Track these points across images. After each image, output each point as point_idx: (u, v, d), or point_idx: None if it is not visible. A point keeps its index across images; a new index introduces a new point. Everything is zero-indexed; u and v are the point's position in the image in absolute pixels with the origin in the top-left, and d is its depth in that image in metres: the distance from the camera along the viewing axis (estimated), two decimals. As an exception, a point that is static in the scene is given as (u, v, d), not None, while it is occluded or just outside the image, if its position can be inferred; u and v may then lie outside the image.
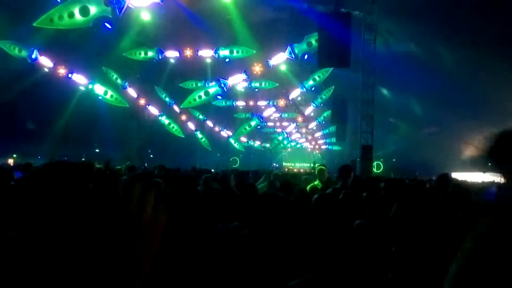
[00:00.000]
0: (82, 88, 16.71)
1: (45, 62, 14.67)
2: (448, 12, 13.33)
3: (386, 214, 2.80)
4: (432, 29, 14.44)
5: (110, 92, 17.29)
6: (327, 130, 31.71)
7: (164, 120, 21.75)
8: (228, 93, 18.86)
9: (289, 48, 13.28)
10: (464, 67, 16.25)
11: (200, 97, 18.66)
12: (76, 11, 12.14)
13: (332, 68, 16.91)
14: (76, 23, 12.41)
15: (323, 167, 7.18)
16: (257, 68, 14.51)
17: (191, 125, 23.73)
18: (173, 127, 22.32)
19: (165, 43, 15.91)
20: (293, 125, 26.74)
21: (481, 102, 16.69)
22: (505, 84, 15.54)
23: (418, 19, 14.06)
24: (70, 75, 15.61)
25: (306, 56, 13.47)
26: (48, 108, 18.87)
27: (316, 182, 6.48)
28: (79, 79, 16.15)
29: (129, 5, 11.63)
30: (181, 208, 3.58)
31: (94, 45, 13.96)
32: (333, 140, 29.17)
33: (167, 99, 20.76)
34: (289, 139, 32.95)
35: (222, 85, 17.42)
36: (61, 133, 21.09)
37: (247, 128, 23.93)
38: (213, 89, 18.18)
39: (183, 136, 23.39)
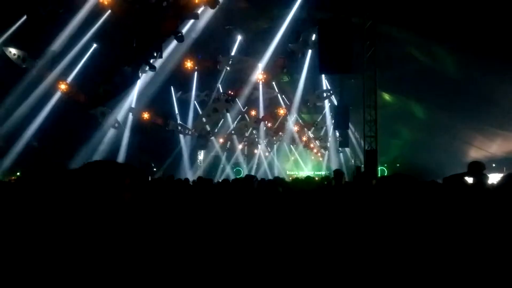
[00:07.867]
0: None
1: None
2: (447, 14, 13.38)
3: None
4: (432, 33, 14.47)
5: None
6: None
7: None
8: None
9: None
10: (464, 70, 16.29)
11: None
12: None
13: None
14: None
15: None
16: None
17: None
18: None
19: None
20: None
21: (483, 104, 16.70)
22: (505, 85, 15.57)
23: (418, 23, 14.10)
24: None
25: None
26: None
27: None
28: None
29: None
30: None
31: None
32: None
33: None
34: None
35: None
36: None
37: None
38: None
39: None
